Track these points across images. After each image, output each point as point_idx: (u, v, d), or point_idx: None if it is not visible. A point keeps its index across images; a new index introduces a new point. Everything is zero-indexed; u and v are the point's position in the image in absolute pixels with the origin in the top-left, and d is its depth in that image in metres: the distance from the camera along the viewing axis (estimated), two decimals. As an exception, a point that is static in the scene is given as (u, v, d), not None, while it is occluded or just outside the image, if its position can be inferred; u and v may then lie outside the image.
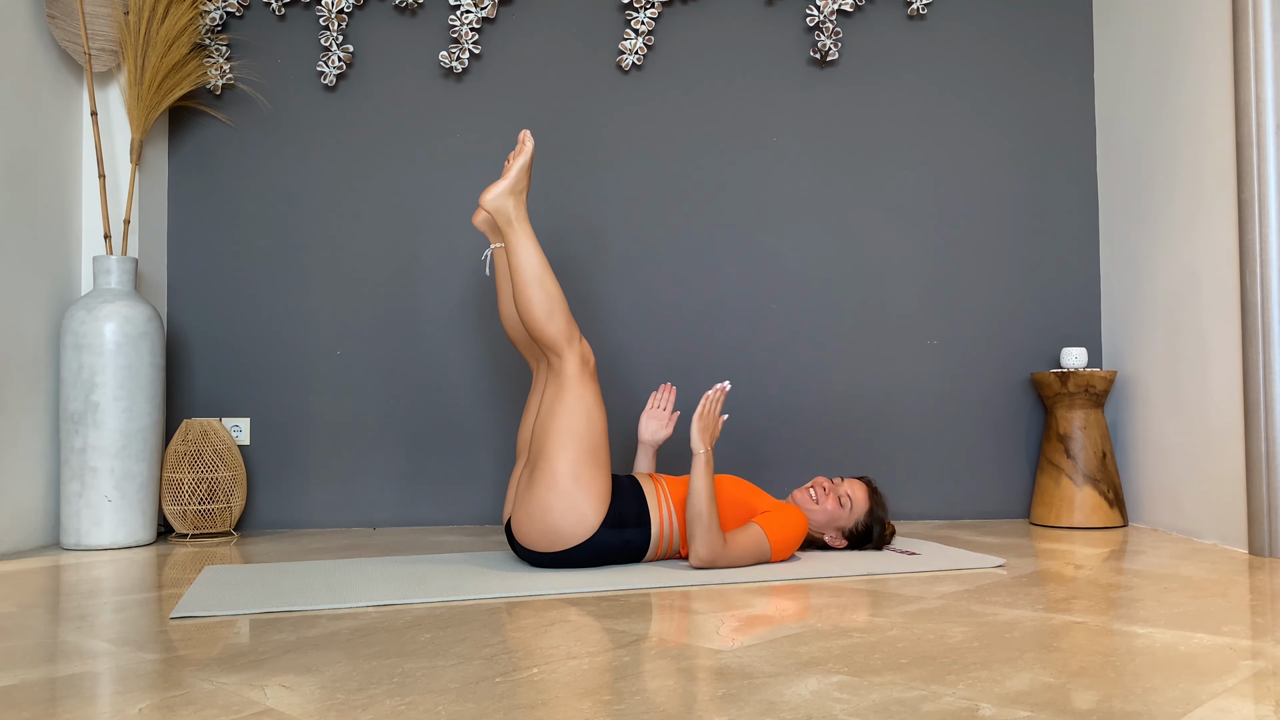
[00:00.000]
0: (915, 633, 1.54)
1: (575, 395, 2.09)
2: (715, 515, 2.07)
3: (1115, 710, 1.14)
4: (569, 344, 2.11)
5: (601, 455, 2.09)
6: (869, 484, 2.38)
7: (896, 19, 3.10)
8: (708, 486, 2.07)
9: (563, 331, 2.10)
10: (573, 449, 2.05)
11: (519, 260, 2.12)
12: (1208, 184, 2.52)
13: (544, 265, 2.12)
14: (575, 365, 2.10)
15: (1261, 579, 1.99)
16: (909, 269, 3.07)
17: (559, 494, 2.04)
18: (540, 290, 2.10)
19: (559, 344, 2.11)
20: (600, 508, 2.07)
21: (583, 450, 2.06)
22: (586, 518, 2.06)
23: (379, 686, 1.27)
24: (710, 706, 1.17)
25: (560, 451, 2.05)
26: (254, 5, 3.05)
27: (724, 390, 2.17)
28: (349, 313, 3.03)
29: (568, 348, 2.11)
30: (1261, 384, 2.30)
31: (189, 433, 2.76)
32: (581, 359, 2.12)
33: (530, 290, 2.10)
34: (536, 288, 2.10)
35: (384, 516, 3.00)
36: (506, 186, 2.16)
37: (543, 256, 2.13)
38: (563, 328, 2.11)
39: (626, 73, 3.08)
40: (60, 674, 1.35)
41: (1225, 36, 2.44)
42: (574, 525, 2.05)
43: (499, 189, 2.16)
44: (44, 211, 2.67)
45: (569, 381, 2.10)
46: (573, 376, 2.10)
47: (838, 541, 2.33)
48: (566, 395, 2.09)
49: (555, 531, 2.06)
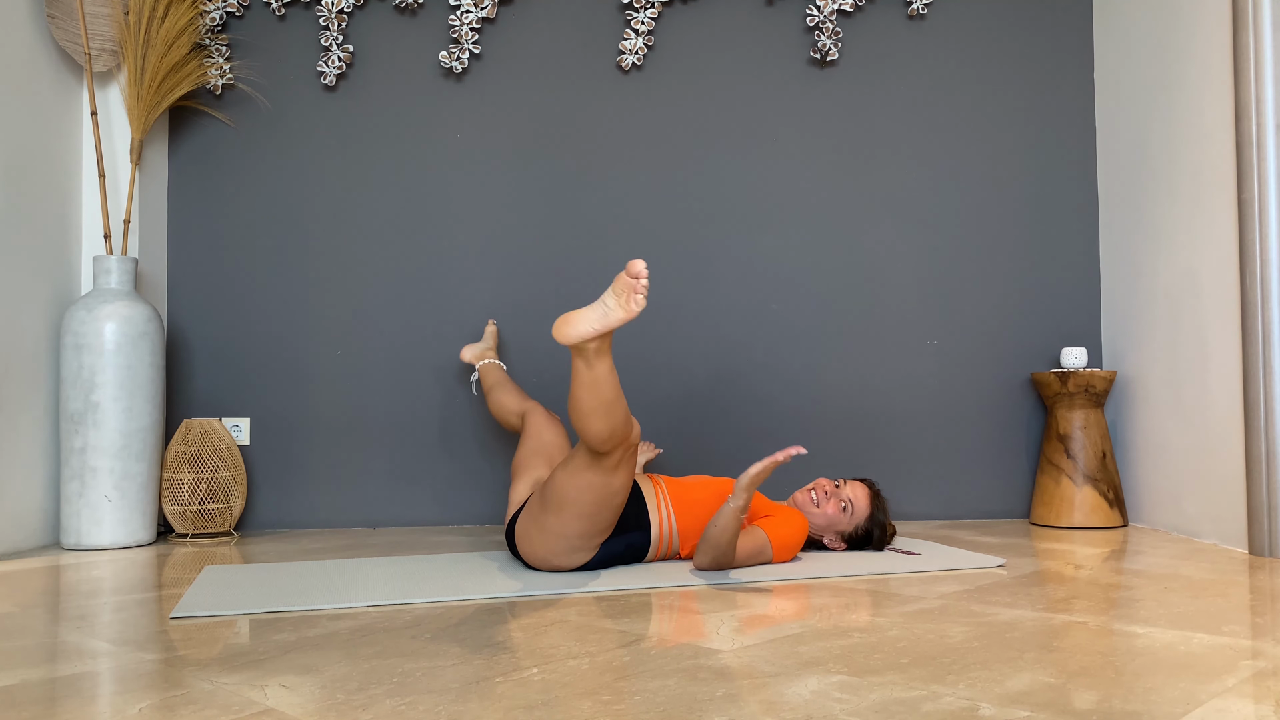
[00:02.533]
0: (915, 633, 1.54)
1: (606, 478, 1.95)
2: (732, 553, 2.04)
3: (1115, 710, 1.14)
4: (619, 447, 1.92)
5: (613, 519, 2.05)
6: (871, 486, 2.36)
7: (896, 19, 3.10)
8: (733, 533, 2.01)
9: (618, 444, 1.91)
10: (589, 520, 2.01)
11: (593, 392, 1.85)
12: (1208, 184, 2.52)
13: (618, 392, 1.87)
14: (618, 456, 1.94)
15: (1261, 579, 1.99)
16: (909, 269, 3.07)
17: (565, 545, 2.05)
18: (605, 420, 1.86)
19: (610, 451, 1.92)
20: (600, 544, 2.09)
21: (598, 523, 2.02)
22: (588, 557, 2.08)
23: (379, 686, 1.27)
24: (710, 706, 1.17)
25: (575, 519, 2.00)
26: (254, 5, 3.05)
27: (794, 454, 1.91)
28: (349, 313, 3.03)
29: (617, 449, 1.93)
30: (1261, 384, 2.30)
31: (189, 433, 2.76)
32: (626, 449, 1.93)
33: (595, 417, 1.86)
34: (602, 416, 1.85)
35: (384, 516, 3.00)
36: (600, 331, 1.79)
37: (617, 384, 1.88)
38: (618, 443, 1.90)
39: (626, 73, 3.08)
40: (60, 674, 1.35)
41: (1225, 36, 2.44)
42: (576, 564, 2.09)
43: (588, 330, 1.78)
44: (44, 211, 2.66)
45: (604, 466, 1.93)
46: (611, 464, 1.93)
47: (836, 545, 2.34)
48: (597, 475, 1.94)
49: (557, 568, 2.10)
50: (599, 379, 1.84)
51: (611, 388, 1.85)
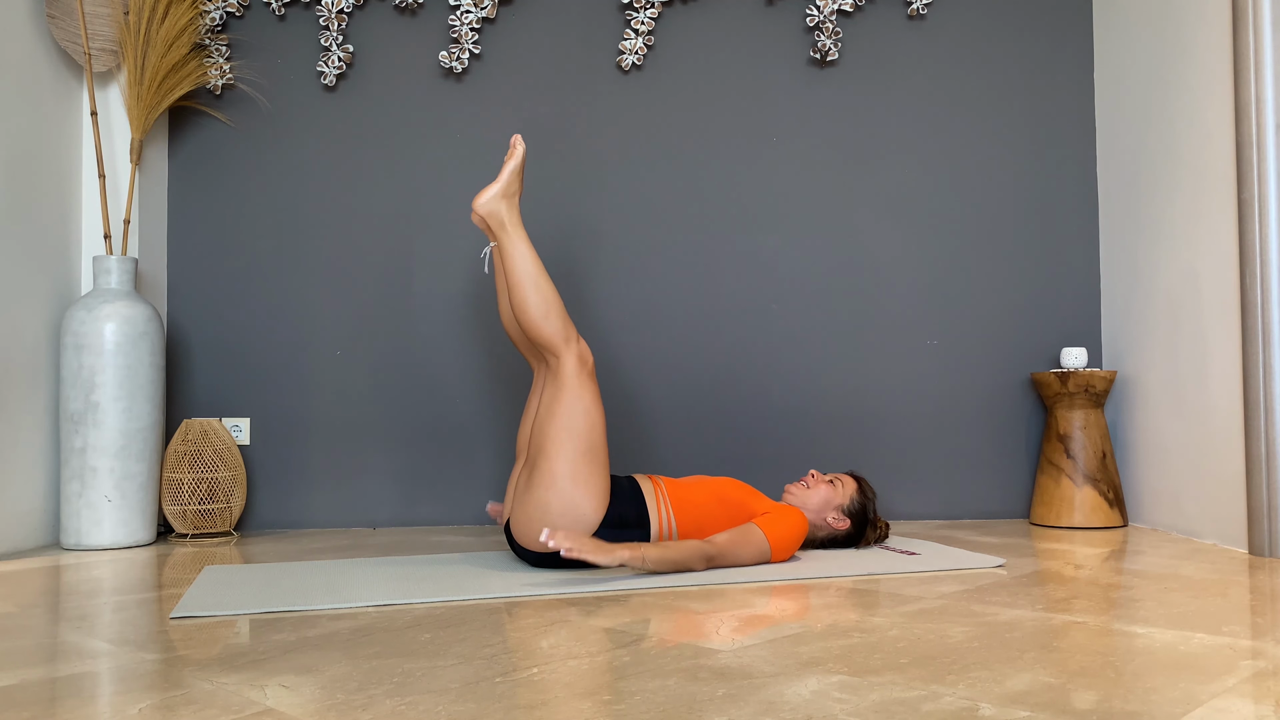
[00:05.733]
0: (915, 633, 1.54)
1: (573, 395, 2.09)
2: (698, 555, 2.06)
3: (1115, 710, 1.14)
4: (566, 344, 2.12)
5: (600, 455, 2.10)
6: (855, 475, 2.45)
7: (896, 19, 3.10)
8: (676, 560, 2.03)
9: (559, 332, 2.11)
10: (570, 448, 2.06)
11: (513, 263, 2.12)
12: (1208, 184, 2.52)
13: (538, 267, 2.13)
14: (573, 365, 2.11)
15: (1261, 579, 1.99)
16: (909, 269, 3.07)
17: (557, 493, 2.04)
18: (535, 292, 2.11)
19: (556, 344, 2.11)
20: (599, 506, 2.07)
21: (581, 450, 2.06)
22: (586, 516, 2.05)
23: (379, 686, 1.27)
24: (710, 706, 1.17)
25: (558, 451, 2.06)
26: (254, 5, 3.05)
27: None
28: (349, 313, 3.03)
29: (565, 348, 2.11)
30: (1261, 384, 2.30)
31: (189, 433, 2.76)
32: (579, 358, 2.12)
33: (525, 292, 2.11)
34: (531, 289, 2.11)
35: (384, 516, 3.00)
36: (498, 190, 2.16)
37: (537, 259, 2.13)
38: (559, 328, 2.11)
39: (626, 73, 3.08)
40: (60, 674, 1.35)
41: (1225, 36, 2.44)
42: (573, 524, 2.05)
43: (490, 193, 2.16)
44: (44, 211, 2.67)
45: (567, 381, 2.10)
46: (571, 376, 2.10)
47: (840, 523, 2.34)
48: (564, 395, 2.09)
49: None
50: (523, 252, 2.12)
51: (534, 261, 2.12)
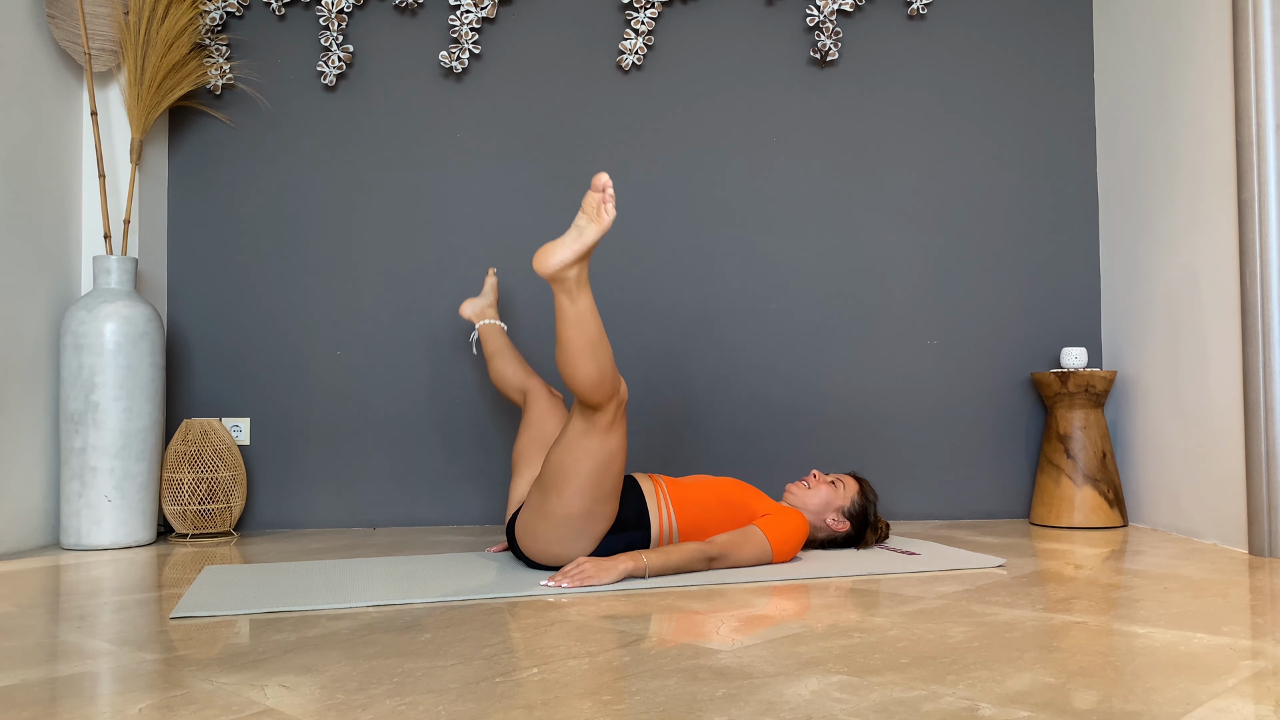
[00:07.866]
0: (915, 633, 1.54)
1: (601, 441, 1.96)
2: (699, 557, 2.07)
3: (1115, 710, 1.14)
4: (610, 399, 1.95)
5: (617, 485, 2.05)
6: (857, 476, 2.44)
7: (896, 19, 3.10)
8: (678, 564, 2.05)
9: (608, 395, 1.93)
10: (591, 492, 2.00)
11: (576, 329, 1.88)
12: (1208, 184, 2.52)
13: (601, 331, 1.91)
14: (611, 413, 1.95)
15: (1261, 579, 1.99)
16: (909, 269, 3.07)
17: (569, 528, 2.04)
18: (593, 360, 1.89)
19: (600, 402, 1.94)
20: (604, 531, 2.08)
21: (600, 493, 2.02)
22: (591, 545, 2.07)
23: (379, 686, 1.27)
24: (710, 706, 1.17)
25: (577, 494, 2.00)
26: (254, 5, 3.05)
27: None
28: (349, 313, 3.03)
29: (608, 402, 1.95)
30: (1261, 384, 2.30)
31: (189, 433, 2.76)
32: (619, 403, 1.97)
33: (583, 358, 1.89)
34: (589, 357, 1.89)
35: (384, 516, 3.00)
36: (581, 251, 1.84)
37: (599, 321, 1.91)
38: (609, 391, 1.93)
39: (626, 73, 3.08)
40: (60, 674, 1.35)
41: (1225, 36, 2.44)
42: (579, 551, 2.08)
43: (568, 253, 1.83)
44: (44, 211, 2.67)
45: (598, 426, 1.95)
46: (607, 419, 1.95)
47: (840, 525, 2.33)
48: (593, 439, 1.96)
49: (560, 557, 2.08)
50: (583, 313, 1.88)
51: (596, 325, 1.89)
